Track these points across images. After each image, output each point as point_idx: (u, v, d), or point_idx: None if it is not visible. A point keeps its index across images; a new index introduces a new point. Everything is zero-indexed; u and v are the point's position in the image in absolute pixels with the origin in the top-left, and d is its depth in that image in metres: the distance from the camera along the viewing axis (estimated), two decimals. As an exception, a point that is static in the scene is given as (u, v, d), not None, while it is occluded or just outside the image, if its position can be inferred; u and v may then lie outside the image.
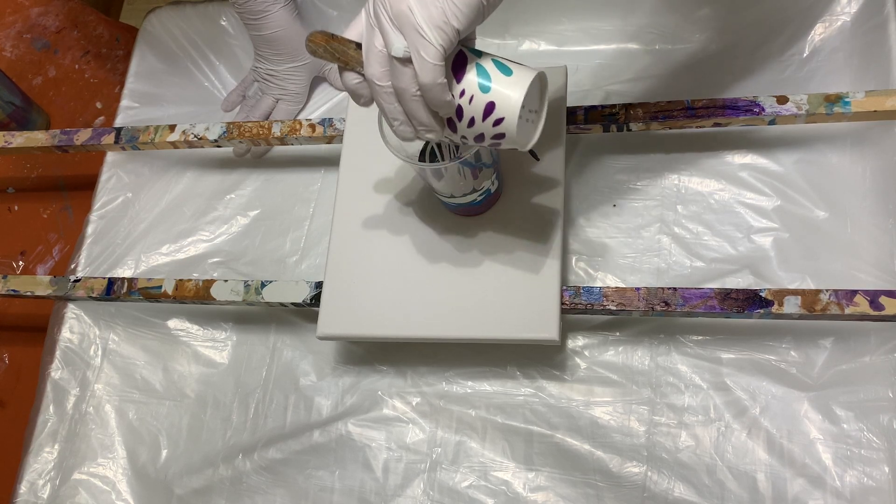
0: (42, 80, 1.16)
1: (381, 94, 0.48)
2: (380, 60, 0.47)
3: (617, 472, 0.65)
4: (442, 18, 0.44)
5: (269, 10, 0.80)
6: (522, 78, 0.48)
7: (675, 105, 0.68)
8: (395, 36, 0.45)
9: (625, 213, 0.73)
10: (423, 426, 0.70)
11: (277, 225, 0.82)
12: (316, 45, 0.50)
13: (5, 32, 1.19)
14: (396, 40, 0.45)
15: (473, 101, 0.48)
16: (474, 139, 0.51)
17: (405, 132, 0.50)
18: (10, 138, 0.84)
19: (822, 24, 0.75)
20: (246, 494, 0.72)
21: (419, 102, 0.47)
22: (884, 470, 0.61)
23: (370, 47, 0.47)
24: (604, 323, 0.70)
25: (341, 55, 0.49)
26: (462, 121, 0.49)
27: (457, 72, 0.48)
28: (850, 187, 0.69)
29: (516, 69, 0.49)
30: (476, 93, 0.48)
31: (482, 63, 0.48)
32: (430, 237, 0.67)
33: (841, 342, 0.65)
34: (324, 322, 0.67)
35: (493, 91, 0.48)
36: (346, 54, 0.49)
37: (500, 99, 0.48)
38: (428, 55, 0.45)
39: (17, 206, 1.07)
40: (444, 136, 0.51)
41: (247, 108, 0.87)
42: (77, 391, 0.80)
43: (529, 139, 0.52)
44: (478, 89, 0.48)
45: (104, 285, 0.77)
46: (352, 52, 0.49)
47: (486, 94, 0.48)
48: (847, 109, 0.64)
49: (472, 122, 0.49)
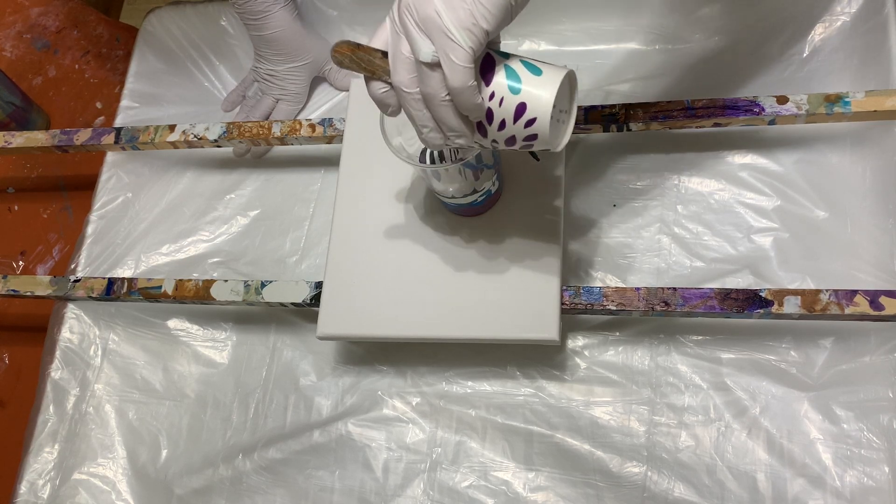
0: (42, 80, 1.16)
1: (410, 101, 0.48)
2: (407, 67, 0.46)
3: (617, 472, 0.65)
4: (470, 20, 0.43)
5: (270, 10, 0.80)
6: (553, 77, 0.47)
7: (675, 105, 0.68)
8: (423, 41, 0.45)
9: (625, 213, 0.73)
10: (423, 426, 0.70)
11: (277, 225, 0.82)
12: (342, 55, 0.49)
13: (5, 32, 1.19)
14: (424, 45, 0.45)
15: (504, 103, 0.47)
16: (505, 142, 0.50)
17: (435, 139, 0.49)
18: (10, 138, 0.84)
19: (822, 24, 0.75)
20: (246, 494, 0.72)
21: (449, 107, 0.47)
22: (884, 470, 0.61)
23: (397, 54, 0.46)
24: (604, 323, 0.70)
25: (367, 65, 0.49)
26: (492, 124, 0.49)
27: (485, 74, 0.47)
28: (850, 187, 0.69)
29: (545, 69, 0.48)
30: (506, 95, 0.47)
31: (510, 64, 0.48)
32: (430, 237, 0.67)
33: (841, 342, 0.65)
34: (324, 322, 0.67)
35: (523, 92, 0.47)
36: (372, 63, 0.49)
37: (531, 100, 0.47)
38: (458, 58, 0.44)
39: (17, 206, 1.07)
40: (475, 141, 0.50)
41: (247, 108, 0.87)
42: (77, 391, 0.80)
43: (561, 139, 0.51)
44: (508, 91, 0.47)
45: (104, 285, 0.77)
46: (378, 60, 0.48)
47: (516, 96, 0.47)
48: (847, 109, 0.64)
49: (503, 124, 0.48)
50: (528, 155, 0.67)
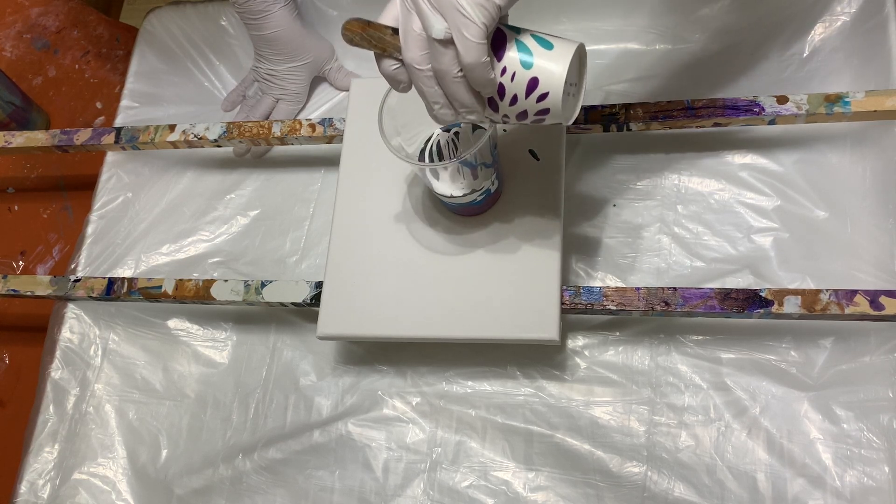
0: (42, 80, 1.16)
1: (421, 77, 0.48)
2: (419, 44, 0.46)
3: (617, 472, 0.65)
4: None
5: (269, 10, 0.80)
6: (564, 51, 0.48)
7: (675, 105, 0.68)
8: (435, 17, 0.45)
9: (625, 213, 0.73)
10: (423, 426, 0.70)
11: (277, 225, 0.82)
12: (352, 33, 0.49)
13: (5, 32, 1.19)
14: (437, 22, 0.45)
15: (515, 78, 0.48)
16: (516, 117, 0.50)
17: (445, 115, 0.49)
18: (10, 138, 0.84)
19: (822, 24, 0.75)
20: (246, 494, 0.72)
21: (461, 83, 0.47)
22: (884, 470, 0.61)
23: (408, 31, 0.46)
24: (604, 323, 0.70)
25: (378, 42, 0.49)
26: (504, 99, 0.49)
27: (496, 50, 0.48)
28: (850, 187, 0.69)
29: (557, 43, 0.48)
30: (518, 69, 0.47)
31: (522, 39, 0.48)
32: (430, 237, 0.67)
33: (841, 342, 0.65)
34: (324, 322, 0.67)
35: (535, 67, 0.47)
36: (382, 41, 0.49)
37: (543, 74, 0.47)
38: (471, 34, 0.44)
39: (17, 206, 1.07)
40: (486, 117, 0.51)
41: (247, 107, 0.87)
42: (77, 391, 0.80)
43: (572, 113, 0.51)
44: (520, 66, 0.47)
45: (104, 285, 0.77)
46: (388, 38, 0.49)
47: (528, 71, 0.47)
48: (847, 109, 0.64)
49: (515, 99, 0.49)
50: (529, 154, 0.67)
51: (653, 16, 0.80)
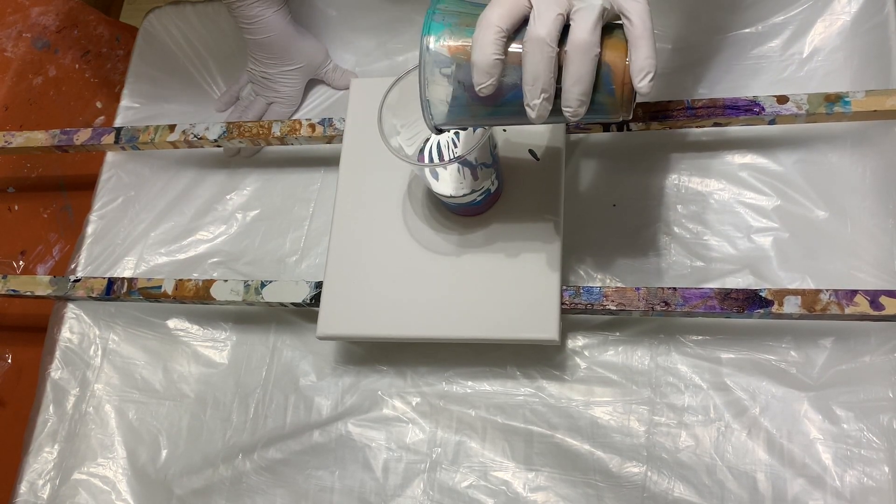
0: (42, 80, 1.16)
1: (543, 58, 0.47)
2: (557, 23, 0.46)
3: (617, 472, 0.65)
4: None
5: (262, 14, 0.79)
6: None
7: (675, 105, 0.68)
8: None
9: (625, 213, 0.73)
10: (423, 426, 0.70)
11: (277, 225, 0.82)
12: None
13: (5, 32, 1.19)
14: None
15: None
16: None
17: (546, 108, 0.48)
18: (10, 138, 0.84)
19: (822, 24, 0.75)
20: (246, 494, 0.72)
21: (595, 63, 0.47)
22: (884, 470, 0.61)
23: (546, 11, 0.46)
24: (604, 323, 0.70)
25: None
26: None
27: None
28: (850, 187, 0.69)
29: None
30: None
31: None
32: (430, 237, 0.67)
33: (841, 342, 0.65)
34: (324, 322, 0.66)
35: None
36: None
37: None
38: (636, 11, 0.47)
39: (17, 206, 1.07)
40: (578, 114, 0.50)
41: (240, 109, 0.87)
42: (77, 391, 0.80)
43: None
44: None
45: (104, 285, 0.77)
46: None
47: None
48: (847, 109, 0.64)
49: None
50: (529, 154, 0.67)
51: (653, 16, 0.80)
